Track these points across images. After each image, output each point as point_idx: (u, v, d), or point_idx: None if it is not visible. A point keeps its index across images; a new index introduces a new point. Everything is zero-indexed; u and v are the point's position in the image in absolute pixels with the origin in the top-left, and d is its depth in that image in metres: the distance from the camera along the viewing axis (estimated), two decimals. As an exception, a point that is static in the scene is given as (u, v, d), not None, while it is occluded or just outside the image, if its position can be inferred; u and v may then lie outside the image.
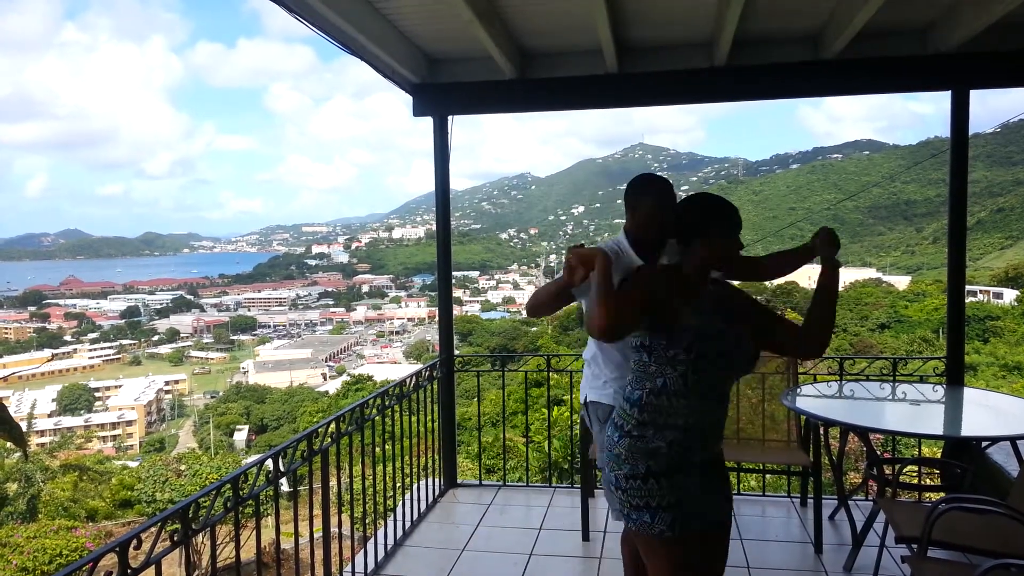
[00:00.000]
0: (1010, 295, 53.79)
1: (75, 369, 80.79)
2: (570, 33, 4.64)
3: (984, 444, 4.38)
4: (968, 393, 4.78)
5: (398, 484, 4.73)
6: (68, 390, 64.56)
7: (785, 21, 4.52)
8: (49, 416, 57.11)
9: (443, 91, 5.21)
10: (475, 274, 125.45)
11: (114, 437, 55.87)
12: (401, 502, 4.71)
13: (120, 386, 69.30)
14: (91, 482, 18.96)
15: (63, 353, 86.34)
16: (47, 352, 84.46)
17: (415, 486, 4.97)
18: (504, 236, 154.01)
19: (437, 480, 5.40)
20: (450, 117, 5.28)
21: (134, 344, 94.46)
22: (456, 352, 5.65)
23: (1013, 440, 3.86)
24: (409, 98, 5.23)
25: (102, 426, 56.14)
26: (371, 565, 4.05)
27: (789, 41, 4.76)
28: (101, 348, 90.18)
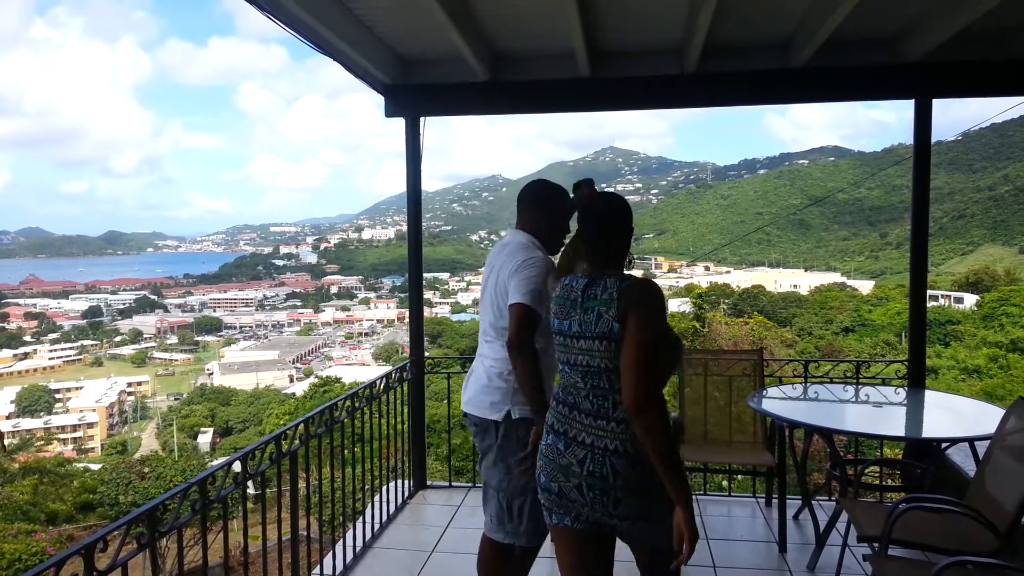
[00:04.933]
0: (970, 300, 55.04)
1: (35, 370, 79.06)
2: (543, 37, 4.67)
3: (944, 445, 4.47)
4: (929, 396, 4.88)
5: (367, 486, 4.71)
6: (28, 391, 63.11)
7: (754, 29, 4.59)
8: (8, 418, 55.83)
9: (416, 92, 5.20)
10: (445, 276, 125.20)
11: (75, 439, 54.72)
12: (370, 504, 4.69)
13: (81, 387, 67.87)
14: (51, 485, 18.55)
15: (23, 354, 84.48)
16: (6, 353, 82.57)
17: (384, 488, 4.95)
18: (475, 238, 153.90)
19: (407, 482, 5.39)
20: (422, 118, 5.28)
21: (96, 345, 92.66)
22: (426, 354, 5.64)
23: (971, 441, 3.95)
24: (381, 99, 5.22)
25: (63, 428, 54.90)
26: (339, 567, 4.03)
27: (758, 49, 4.83)
28: (62, 349, 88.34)
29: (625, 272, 2.34)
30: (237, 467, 3.01)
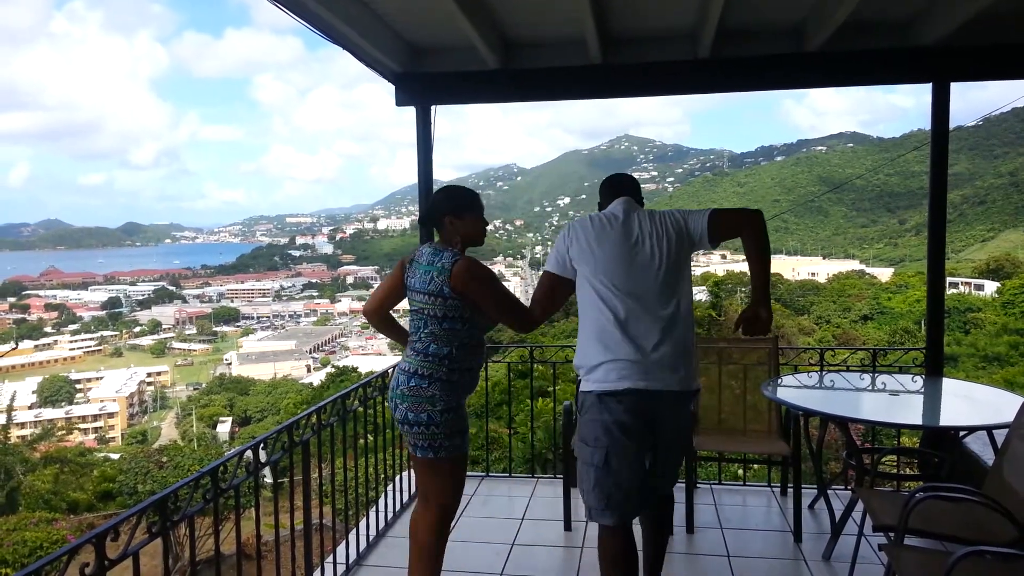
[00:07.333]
0: (991, 287, 54.32)
1: (56, 360, 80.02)
2: (554, 23, 4.63)
3: (961, 434, 4.42)
4: (946, 383, 4.82)
5: (381, 475, 4.72)
6: (49, 382, 63.92)
7: (768, 13, 4.53)
8: (30, 408, 56.56)
9: (426, 81, 5.18)
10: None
11: (96, 429, 55.40)
12: (384, 493, 4.70)
13: (101, 378, 68.68)
14: (72, 474, 18.79)
15: (44, 344, 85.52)
16: (28, 344, 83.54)
17: (398, 477, 4.97)
18: (490, 228, 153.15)
19: (420, 471, 5.38)
20: (433, 107, 5.25)
21: (115, 335, 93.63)
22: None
23: (989, 430, 3.90)
24: (392, 88, 5.20)
25: (83, 418, 55.63)
26: (353, 556, 4.04)
27: (772, 33, 4.77)
28: (82, 339, 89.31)
29: None
30: (251, 456, 3.02)
